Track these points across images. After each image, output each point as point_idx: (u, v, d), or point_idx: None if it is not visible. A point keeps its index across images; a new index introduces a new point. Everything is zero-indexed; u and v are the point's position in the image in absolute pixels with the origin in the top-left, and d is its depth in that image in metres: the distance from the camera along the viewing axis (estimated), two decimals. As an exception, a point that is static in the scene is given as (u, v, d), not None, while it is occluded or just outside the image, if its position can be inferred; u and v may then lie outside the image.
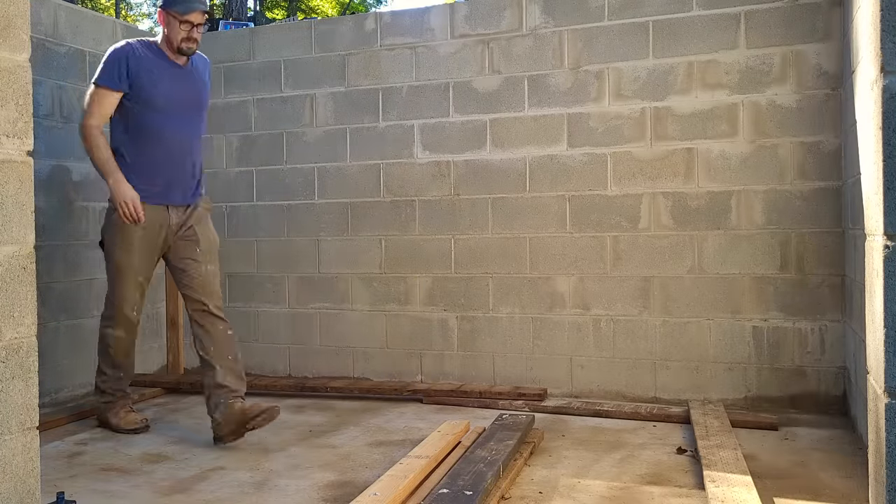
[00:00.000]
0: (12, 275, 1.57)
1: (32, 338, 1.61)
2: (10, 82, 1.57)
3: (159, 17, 3.31)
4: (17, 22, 1.59)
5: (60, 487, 2.64)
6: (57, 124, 4.06)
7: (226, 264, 4.69)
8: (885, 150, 1.58)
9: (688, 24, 3.75)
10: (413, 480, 2.51)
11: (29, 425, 1.60)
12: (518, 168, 4.05)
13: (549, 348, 4.01)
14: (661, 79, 3.80)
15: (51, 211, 4.01)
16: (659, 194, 3.81)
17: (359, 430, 3.44)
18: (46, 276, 3.93)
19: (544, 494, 2.56)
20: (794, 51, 3.58)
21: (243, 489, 2.69)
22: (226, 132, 4.68)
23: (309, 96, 4.48)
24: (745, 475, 2.53)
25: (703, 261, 3.74)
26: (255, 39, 4.64)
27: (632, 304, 3.86)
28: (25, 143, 1.61)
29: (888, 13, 1.57)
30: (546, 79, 4.00)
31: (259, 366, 4.61)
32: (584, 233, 3.94)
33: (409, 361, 4.28)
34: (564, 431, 3.35)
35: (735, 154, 3.68)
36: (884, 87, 1.58)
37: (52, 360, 3.97)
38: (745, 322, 3.68)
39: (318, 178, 4.47)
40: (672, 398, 3.78)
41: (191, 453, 3.14)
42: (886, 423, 1.57)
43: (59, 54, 4.08)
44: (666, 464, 2.87)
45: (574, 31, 3.95)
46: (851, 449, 2.99)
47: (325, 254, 4.46)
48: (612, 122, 3.89)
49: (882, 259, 1.58)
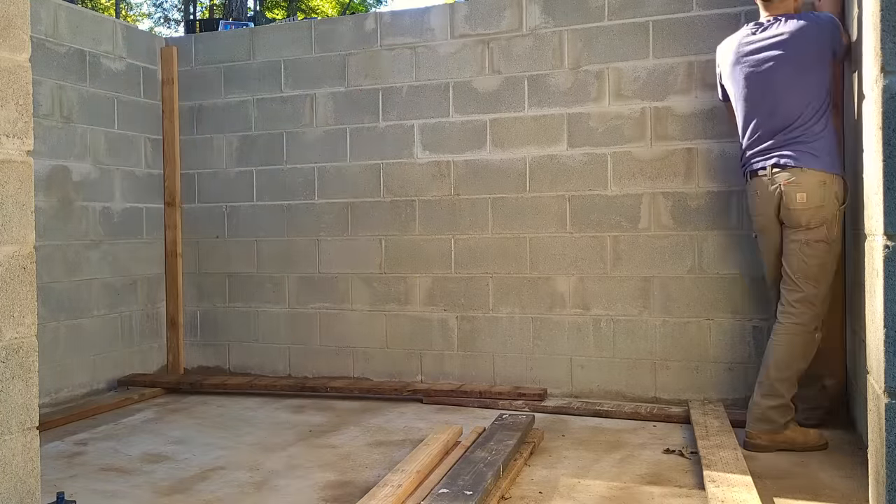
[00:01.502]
0: (12, 275, 1.57)
1: (32, 338, 1.62)
2: (10, 82, 1.57)
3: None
4: (17, 22, 1.59)
5: (60, 487, 2.64)
6: (57, 124, 4.06)
7: (226, 264, 4.69)
8: (885, 150, 1.58)
9: (688, 24, 3.75)
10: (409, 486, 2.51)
11: (29, 425, 1.60)
12: (518, 168, 4.05)
13: (549, 348, 4.01)
14: (661, 79, 3.80)
15: (51, 211, 4.01)
16: (659, 194, 3.81)
17: (359, 430, 3.44)
18: (46, 276, 3.93)
19: (544, 494, 2.56)
20: (794, 51, 3.58)
21: (243, 489, 2.70)
22: (226, 132, 4.68)
23: (309, 96, 4.48)
24: (745, 475, 2.52)
25: (703, 261, 3.74)
26: (255, 39, 4.64)
27: (632, 304, 3.86)
28: (25, 143, 1.61)
29: (888, 13, 1.57)
30: (546, 79, 4.00)
31: (259, 366, 4.61)
32: (584, 233, 3.94)
33: (409, 361, 4.28)
34: (564, 431, 3.36)
35: (735, 154, 3.68)
36: (884, 87, 1.58)
37: (52, 360, 3.97)
38: (746, 322, 3.68)
39: (318, 178, 4.47)
40: (672, 398, 3.78)
41: (191, 453, 3.14)
42: (886, 423, 1.57)
43: (59, 54, 4.08)
44: (666, 464, 2.87)
45: (574, 31, 3.94)
46: (851, 449, 2.99)
47: (325, 254, 4.46)
48: (612, 122, 3.89)
49: (882, 259, 1.58)
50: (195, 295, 4.75)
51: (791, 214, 2.99)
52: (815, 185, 2.94)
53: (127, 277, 4.50)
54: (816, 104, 2.97)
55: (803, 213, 2.96)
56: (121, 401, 4.04)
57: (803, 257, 2.99)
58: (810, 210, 2.95)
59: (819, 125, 2.97)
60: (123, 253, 4.48)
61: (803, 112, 2.97)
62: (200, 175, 4.75)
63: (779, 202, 3.02)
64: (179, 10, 24.04)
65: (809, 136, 2.97)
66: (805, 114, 2.97)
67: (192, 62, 4.75)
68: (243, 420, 3.69)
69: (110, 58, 4.41)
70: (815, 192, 2.93)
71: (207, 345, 4.73)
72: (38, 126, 3.90)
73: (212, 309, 4.72)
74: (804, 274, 3.00)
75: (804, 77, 2.97)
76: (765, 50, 3.06)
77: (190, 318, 4.77)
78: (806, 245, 2.98)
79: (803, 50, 2.98)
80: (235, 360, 4.66)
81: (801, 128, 2.98)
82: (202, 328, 4.74)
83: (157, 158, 4.73)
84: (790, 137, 2.99)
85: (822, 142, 2.96)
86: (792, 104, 2.99)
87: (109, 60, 4.41)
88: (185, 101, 4.76)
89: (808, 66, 2.98)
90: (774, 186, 3.02)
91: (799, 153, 2.97)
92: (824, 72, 2.99)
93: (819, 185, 2.94)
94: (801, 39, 2.99)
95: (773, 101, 3.04)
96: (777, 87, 3.02)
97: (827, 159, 2.95)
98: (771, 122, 3.05)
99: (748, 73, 3.12)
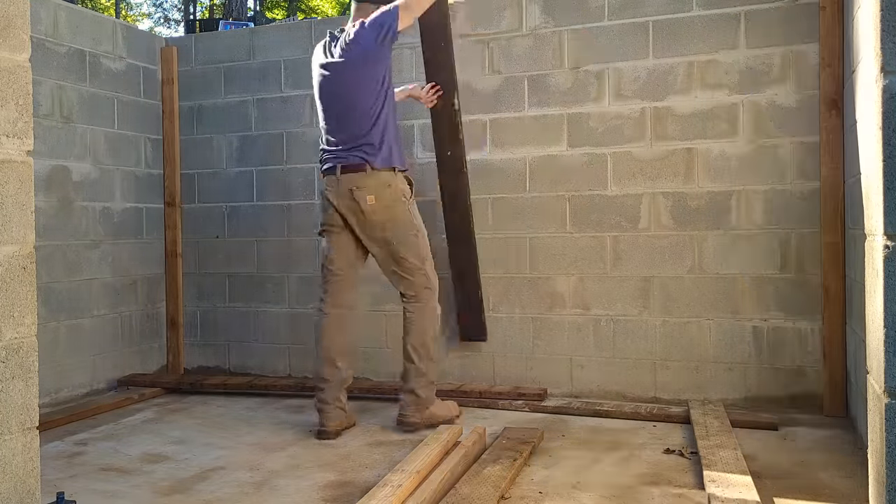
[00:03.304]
0: (12, 275, 1.57)
1: (32, 338, 1.62)
2: (10, 82, 1.57)
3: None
4: (17, 22, 1.59)
5: (60, 487, 2.64)
6: (57, 124, 4.06)
7: (226, 264, 4.69)
8: (885, 150, 1.58)
9: (688, 24, 3.75)
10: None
11: (29, 425, 1.60)
12: (518, 168, 4.05)
13: (549, 348, 4.01)
14: (661, 79, 3.80)
15: (51, 211, 4.01)
16: (659, 194, 3.81)
17: (359, 430, 3.44)
18: (46, 276, 3.93)
19: (544, 494, 2.56)
20: (793, 51, 3.58)
21: (243, 489, 2.70)
22: (226, 132, 4.68)
23: (309, 96, 4.48)
24: (744, 475, 2.53)
25: (703, 261, 3.74)
26: (255, 39, 4.64)
27: (632, 304, 3.86)
28: (25, 143, 1.61)
29: (888, 13, 1.57)
30: (546, 79, 4.00)
31: (259, 366, 4.61)
32: (584, 233, 3.94)
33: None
34: (564, 431, 3.36)
35: (735, 154, 3.68)
36: (884, 87, 1.58)
37: (52, 360, 3.97)
38: (745, 322, 3.68)
39: (318, 179, 4.47)
40: (672, 398, 3.78)
41: (191, 453, 3.14)
42: (886, 423, 1.57)
43: (59, 54, 4.08)
44: (666, 464, 2.87)
45: (574, 31, 3.94)
46: (851, 449, 2.99)
47: (325, 254, 4.46)
48: (612, 122, 3.89)
49: (882, 259, 1.58)
50: (195, 295, 4.75)
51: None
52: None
53: (127, 277, 4.50)
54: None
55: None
56: (121, 401, 4.04)
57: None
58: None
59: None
60: (123, 253, 4.48)
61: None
62: (200, 175, 4.75)
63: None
64: (179, 10, 24.05)
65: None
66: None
67: (192, 62, 4.75)
68: (243, 420, 3.69)
69: (110, 58, 4.41)
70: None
71: (207, 345, 4.73)
72: (38, 126, 3.90)
73: (212, 309, 4.72)
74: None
75: None
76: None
77: (190, 318, 4.77)
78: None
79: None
80: (235, 360, 4.66)
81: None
82: (202, 328, 4.74)
83: (157, 158, 4.74)
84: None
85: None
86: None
87: (109, 60, 4.41)
88: (185, 101, 4.77)
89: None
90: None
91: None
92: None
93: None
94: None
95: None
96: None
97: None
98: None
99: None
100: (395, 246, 3.33)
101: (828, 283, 3.47)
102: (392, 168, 3.31)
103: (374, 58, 3.27)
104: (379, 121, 3.29)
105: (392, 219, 3.30)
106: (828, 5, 3.44)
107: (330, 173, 3.35)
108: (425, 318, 3.38)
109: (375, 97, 3.28)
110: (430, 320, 3.38)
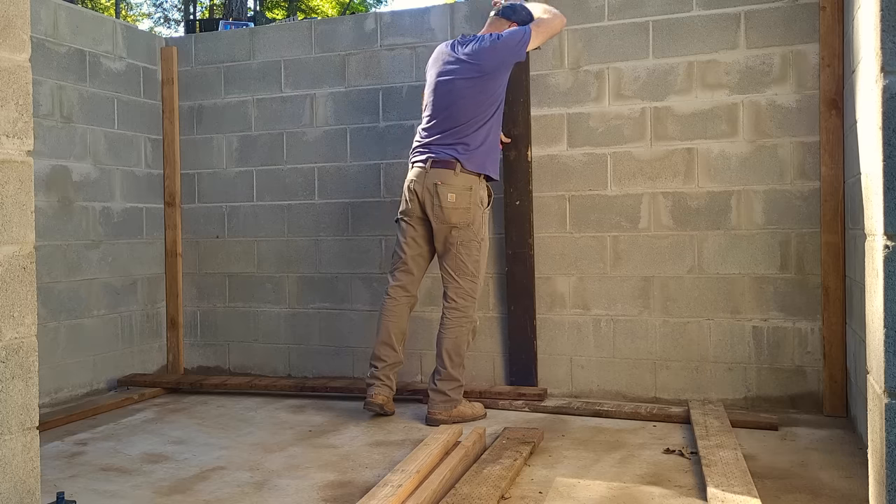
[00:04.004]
0: (12, 275, 1.57)
1: (32, 338, 1.61)
2: (10, 82, 1.57)
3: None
4: (17, 22, 1.59)
5: (60, 487, 2.64)
6: (57, 124, 4.06)
7: (226, 264, 4.69)
8: (886, 150, 1.58)
9: (688, 24, 3.75)
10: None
11: (29, 425, 1.60)
12: (518, 168, 4.04)
13: (549, 348, 4.01)
14: (661, 79, 3.80)
15: (51, 211, 4.01)
16: (659, 194, 3.81)
17: (359, 430, 3.44)
18: (46, 276, 3.93)
19: (544, 494, 2.56)
20: (794, 51, 3.58)
21: (243, 489, 2.70)
22: (226, 132, 4.68)
23: (309, 96, 4.48)
24: (745, 475, 2.52)
25: (703, 261, 3.74)
26: (255, 39, 4.64)
27: (632, 304, 3.86)
28: (25, 143, 1.61)
29: (888, 13, 1.57)
30: (546, 79, 4.00)
31: (259, 366, 4.61)
32: (584, 233, 3.94)
33: (409, 361, 4.26)
34: (564, 431, 3.35)
35: (735, 154, 3.68)
36: (884, 87, 1.57)
37: (52, 360, 3.97)
38: (745, 322, 3.68)
39: (318, 178, 4.47)
40: (672, 398, 3.78)
41: (191, 453, 3.14)
42: (886, 423, 1.57)
43: (59, 54, 4.08)
44: (666, 464, 2.87)
45: (574, 31, 3.94)
46: (851, 449, 2.99)
47: (325, 254, 4.46)
48: (612, 122, 3.89)
49: (882, 259, 1.58)
50: (195, 295, 4.75)
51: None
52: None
53: (127, 277, 4.50)
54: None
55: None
56: (121, 401, 4.04)
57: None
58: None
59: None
60: (123, 253, 4.48)
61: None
62: (200, 175, 4.75)
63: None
64: (179, 10, 24.04)
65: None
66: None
67: (192, 62, 4.75)
68: (243, 420, 3.69)
69: (110, 58, 4.41)
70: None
71: (207, 345, 4.73)
72: (38, 126, 3.90)
73: (212, 309, 4.72)
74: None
75: None
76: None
77: (190, 318, 4.77)
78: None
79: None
80: (235, 360, 4.67)
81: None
82: (202, 328, 4.74)
83: (157, 158, 4.74)
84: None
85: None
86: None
87: (109, 60, 4.41)
88: (185, 101, 4.77)
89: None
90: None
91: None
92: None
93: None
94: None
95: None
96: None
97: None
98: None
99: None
100: (458, 247, 3.46)
101: (828, 283, 3.48)
102: (479, 174, 3.46)
103: (498, 72, 3.45)
104: (482, 129, 3.44)
105: (464, 221, 3.43)
106: (828, 5, 3.45)
107: (419, 165, 3.50)
108: (463, 327, 3.50)
109: (486, 107, 3.44)
110: (466, 329, 3.50)
